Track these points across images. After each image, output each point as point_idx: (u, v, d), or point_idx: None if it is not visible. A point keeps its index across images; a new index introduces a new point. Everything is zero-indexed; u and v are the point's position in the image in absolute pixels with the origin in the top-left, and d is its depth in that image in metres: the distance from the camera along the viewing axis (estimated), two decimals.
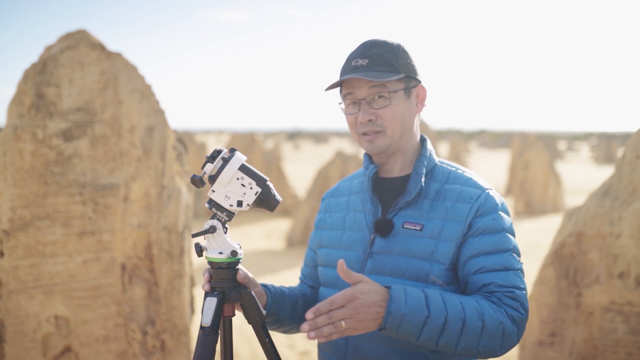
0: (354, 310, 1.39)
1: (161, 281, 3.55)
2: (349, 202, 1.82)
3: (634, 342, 3.06)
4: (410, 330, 1.44)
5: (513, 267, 1.58)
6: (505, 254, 1.59)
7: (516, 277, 1.57)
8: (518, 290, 1.55)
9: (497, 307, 1.52)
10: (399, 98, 1.66)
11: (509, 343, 1.52)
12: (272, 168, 15.49)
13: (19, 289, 3.25)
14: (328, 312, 1.38)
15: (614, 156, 34.73)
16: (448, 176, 1.71)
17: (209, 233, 1.57)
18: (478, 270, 1.58)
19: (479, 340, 1.48)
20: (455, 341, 1.47)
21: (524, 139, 23.54)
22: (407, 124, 1.69)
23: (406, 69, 1.67)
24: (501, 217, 1.63)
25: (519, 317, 1.53)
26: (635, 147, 3.26)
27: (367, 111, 1.65)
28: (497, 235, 1.60)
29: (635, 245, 3.08)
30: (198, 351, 1.54)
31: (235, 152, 1.58)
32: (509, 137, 49.66)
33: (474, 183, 1.68)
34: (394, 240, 1.65)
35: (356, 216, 1.77)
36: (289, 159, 35.51)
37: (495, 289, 1.55)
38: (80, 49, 3.51)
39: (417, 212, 1.66)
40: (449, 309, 1.46)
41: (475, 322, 1.47)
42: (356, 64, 1.66)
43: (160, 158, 3.61)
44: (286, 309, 1.80)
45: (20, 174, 3.28)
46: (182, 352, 3.64)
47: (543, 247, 10.27)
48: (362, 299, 1.40)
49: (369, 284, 1.44)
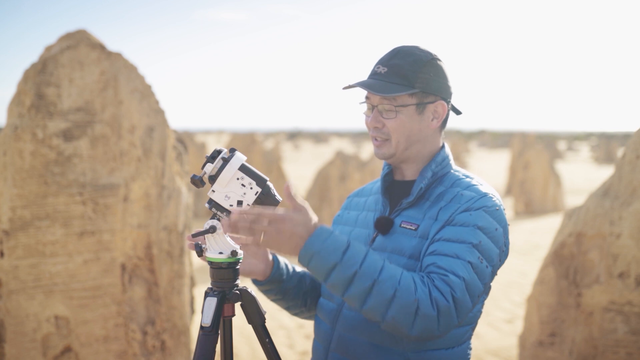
0: (276, 231, 1.45)
1: (161, 281, 3.55)
2: (366, 202, 1.87)
3: (634, 342, 3.06)
4: (318, 270, 1.46)
5: (464, 258, 1.51)
6: (464, 245, 1.53)
7: (462, 266, 1.50)
8: (454, 276, 1.48)
9: (422, 285, 1.46)
10: (408, 113, 1.67)
11: (424, 326, 1.45)
12: (272, 168, 15.49)
13: (19, 289, 3.25)
14: (252, 221, 1.45)
15: (614, 156, 34.73)
16: (454, 182, 1.71)
17: (208, 233, 1.57)
18: (430, 253, 1.55)
19: (387, 308, 1.44)
20: (362, 298, 1.45)
21: (524, 139, 23.54)
22: (414, 137, 1.70)
23: (423, 85, 1.66)
24: (480, 215, 1.58)
25: (443, 303, 1.45)
26: (635, 147, 3.26)
27: (376, 118, 1.69)
28: (465, 228, 1.56)
29: (635, 245, 3.08)
30: (198, 351, 1.55)
31: (235, 152, 1.58)
32: (509, 137, 49.67)
33: (474, 188, 1.66)
34: (390, 239, 1.68)
35: (367, 215, 1.81)
36: (289, 159, 35.52)
37: (433, 269, 1.51)
38: (80, 49, 3.51)
39: (416, 213, 1.68)
40: (363, 265, 1.45)
41: (386, 288, 1.44)
42: (377, 70, 1.70)
43: (160, 158, 3.61)
44: (292, 280, 1.84)
45: (20, 174, 3.28)
46: (182, 352, 3.64)
47: (543, 247, 10.27)
48: (288, 226, 1.45)
49: (303, 215, 1.47)
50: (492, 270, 1.58)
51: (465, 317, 1.57)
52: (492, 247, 1.57)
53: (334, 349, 1.71)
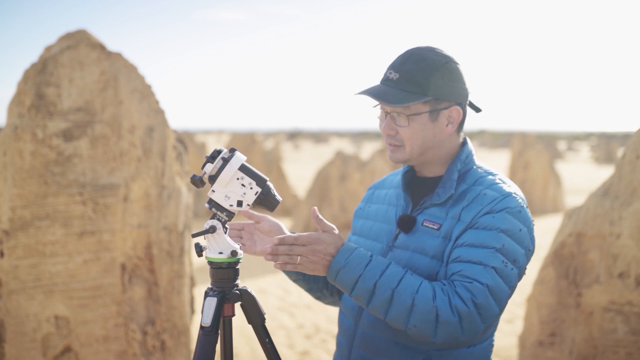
0: (311, 252, 1.55)
1: (161, 281, 3.55)
2: (387, 195, 1.86)
3: (633, 342, 3.06)
4: (344, 283, 1.55)
5: (488, 263, 1.52)
6: (487, 250, 1.53)
7: (486, 273, 1.50)
8: (478, 283, 1.49)
9: (442, 293, 1.49)
10: (421, 120, 1.65)
11: (447, 333, 1.47)
12: (272, 168, 15.49)
13: (19, 289, 3.25)
14: (291, 245, 1.55)
15: (614, 156, 34.72)
16: (477, 179, 1.69)
17: (209, 233, 1.57)
18: (454, 259, 1.56)
19: (408, 317, 1.49)
20: (384, 309, 1.52)
21: (524, 139, 23.51)
22: (428, 143, 1.68)
23: (436, 91, 1.63)
24: (503, 217, 1.57)
25: (464, 310, 1.46)
26: (635, 147, 3.26)
27: (389, 125, 1.69)
28: (488, 232, 1.56)
29: (635, 245, 3.08)
30: (198, 351, 1.55)
31: (235, 152, 1.58)
32: (509, 137, 49.64)
33: (497, 187, 1.64)
34: (412, 237, 1.68)
35: (388, 210, 1.81)
36: (289, 159, 35.51)
37: (457, 277, 1.53)
38: (80, 49, 3.51)
39: (439, 212, 1.67)
40: (383, 276, 1.52)
41: (404, 297, 1.49)
42: (389, 76, 1.67)
43: (160, 158, 3.61)
44: None
45: (20, 174, 3.28)
46: (182, 352, 3.64)
47: (543, 247, 10.24)
48: (322, 246, 1.55)
49: (333, 236, 1.58)
50: (519, 271, 1.59)
51: (493, 322, 1.59)
52: (517, 248, 1.57)
53: (357, 345, 1.73)
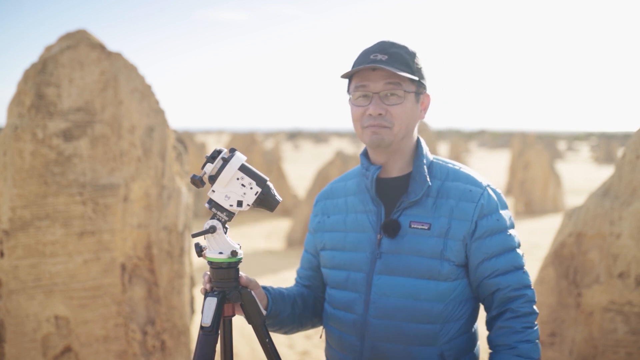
0: None
1: (161, 281, 3.55)
2: (346, 203, 1.81)
3: (633, 342, 3.06)
4: None
5: (520, 264, 1.69)
6: (512, 252, 1.69)
7: (525, 275, 1.69)
8: (527, 289, 1.68)
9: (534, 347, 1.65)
10: (410, 99, 1.68)
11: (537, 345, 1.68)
12: (272, 168, 15.48)
13: (19, 289, 3.25)
14: None
15: (614, 156, 34.72)
16: (447, 173, 1.73)
17: (209, 233, 1.57)
18: (490, 275, 1.66)
19: None
20: None
21: (524, 139, 23.54)
22: (410, 126, 1.71)
23: (419, 75, 1.69)
24: (501, 216, 1.70)
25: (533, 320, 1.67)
26: (635, 147, 3.26)
27: (379, 105, 1.65)
28: (502, 235, 1.68)
29: (635, 245, 3.08)
30: (198, 351, 1.55)
31: (235, 152, 1.58)
32: (509, 137, 49.65)
33: (474, 180, 1.72)
34: (402, 240, 1.67)
35: (357, 217, 1.76)
36: (289, 159, 35.50)
37: (508, 293, 1.66)
38: (80, 49, 3.51)
39: (422, 211, 1.67)
40: None
41: None
42: (375, 58, 1.65)
43: (160, 158, 3.61)
44: (286, 309, 1.81)
45: (20, 174, 3.28)
46: (182, 352, 3.64)
47: (543, 247, 10.27)
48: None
49: None
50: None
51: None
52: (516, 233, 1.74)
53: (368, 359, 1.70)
